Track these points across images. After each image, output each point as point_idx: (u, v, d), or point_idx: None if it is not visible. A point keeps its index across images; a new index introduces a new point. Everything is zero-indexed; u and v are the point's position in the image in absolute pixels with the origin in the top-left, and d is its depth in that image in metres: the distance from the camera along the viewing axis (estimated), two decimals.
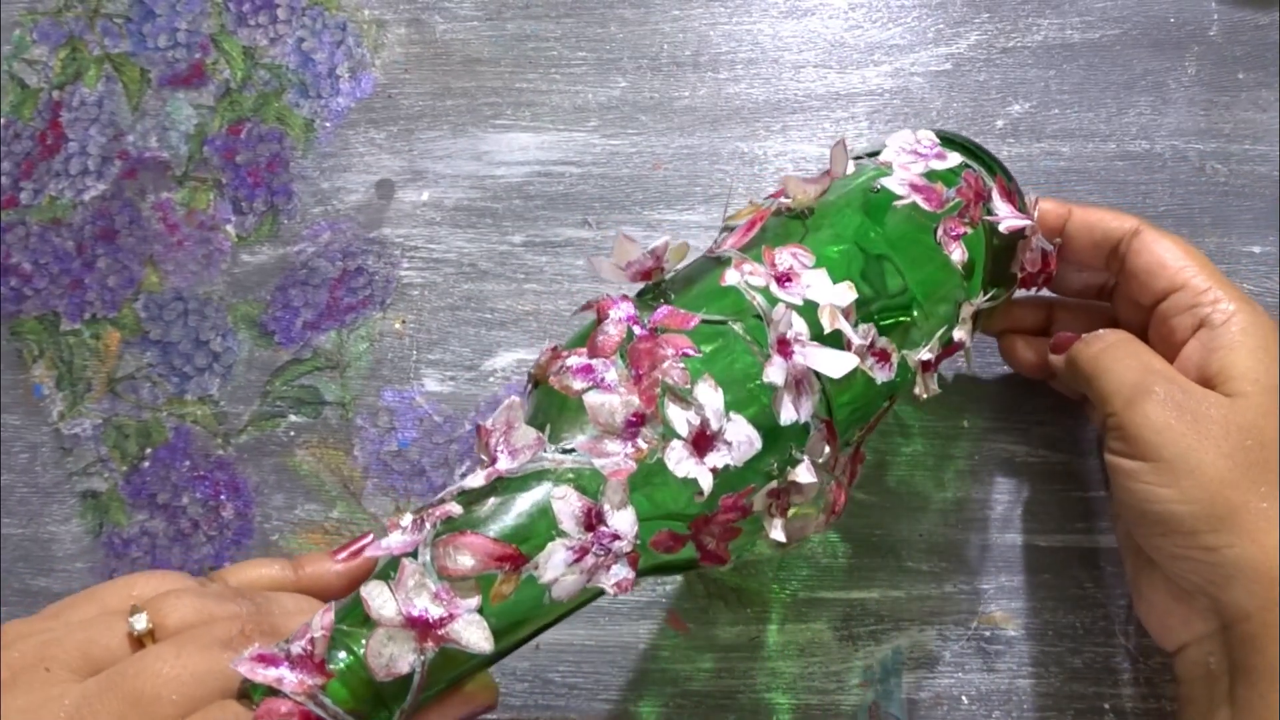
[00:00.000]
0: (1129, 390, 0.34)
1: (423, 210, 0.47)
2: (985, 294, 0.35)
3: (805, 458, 0.30)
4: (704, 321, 0.30)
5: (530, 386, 0.31)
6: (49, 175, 0.48)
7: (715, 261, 0.33)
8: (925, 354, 0.33)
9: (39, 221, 0.47)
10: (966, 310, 0.35)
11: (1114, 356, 0.35)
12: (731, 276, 0.31)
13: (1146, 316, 0.38)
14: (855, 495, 0.43)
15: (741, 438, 0.28)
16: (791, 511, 0.31)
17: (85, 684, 0.25)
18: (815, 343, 0.30)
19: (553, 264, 0.46)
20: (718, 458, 0.28)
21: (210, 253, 0.47)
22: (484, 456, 0.28)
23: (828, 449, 0.30)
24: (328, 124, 0.48)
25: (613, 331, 0.30)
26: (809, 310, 0.31)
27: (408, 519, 0.27)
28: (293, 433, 0.45)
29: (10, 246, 0.47)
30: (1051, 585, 0.42)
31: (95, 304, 0.46)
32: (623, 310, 0.30)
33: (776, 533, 0.29)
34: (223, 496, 0.45)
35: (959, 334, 0.35)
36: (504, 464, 0.27)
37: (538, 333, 0.46)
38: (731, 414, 0.29)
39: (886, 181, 0.35)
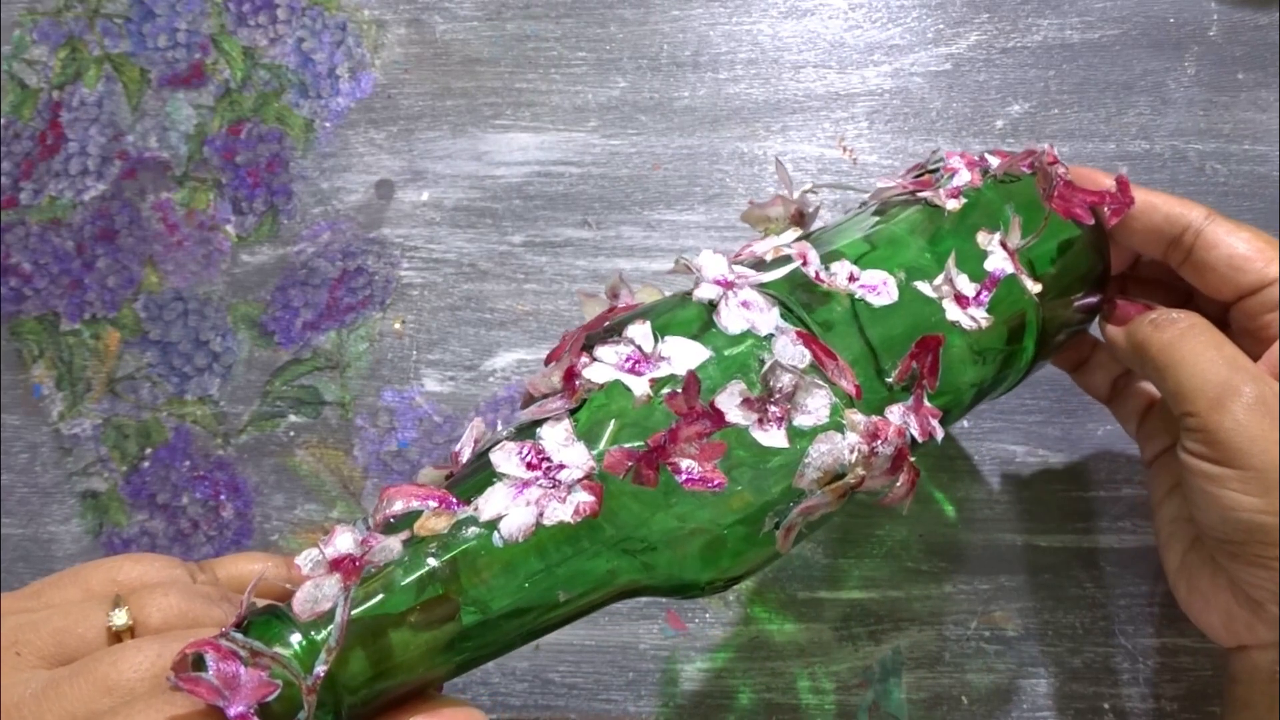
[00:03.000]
0: (1214, 390, 0.31)
1: (423, 210, 0.47)
2: (1016, 224, 0.34)
3: (771, 356, 0.29)
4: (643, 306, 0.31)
5: None
6: (49, 175, 0.48)
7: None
8: (939, 280, 0.33)
9: (39, 221, 0.47)
10: (986, 239, 0.34)
11: (1192, 347, 0.32)
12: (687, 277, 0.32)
13: (1221, 311, 0.35)
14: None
15: (678, 349, 0.28)
16: (802, 426, 0.29)
17: (56, 670, 0.25)
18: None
19: (552, 264, 0.46)
20: (658, 372, 0.28)
21: (210, 253, 0.47)
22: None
23: (807, 354, 0.29)
24: (327, 124, 0.48)
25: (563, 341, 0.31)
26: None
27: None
28: (292, 433, 0.45)
29: (10, 246, 0.47)
30: (1051, 585, 0.42)
31: (95, 304, 0.46)
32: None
33: (770, 437, 0.28)
34: (222, 496, 0.45)
35: (992, 265, 0.33)
36: (465, 459, 0.29)
37: (538, 333, 0.46)
38: (667, 336, 0.29)
39: (871, 196, 0.36)
